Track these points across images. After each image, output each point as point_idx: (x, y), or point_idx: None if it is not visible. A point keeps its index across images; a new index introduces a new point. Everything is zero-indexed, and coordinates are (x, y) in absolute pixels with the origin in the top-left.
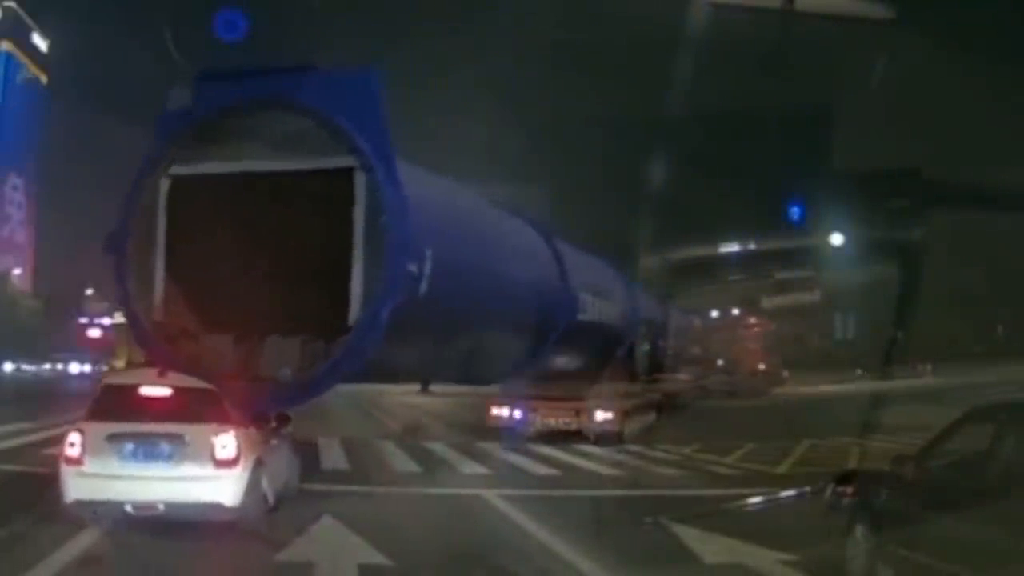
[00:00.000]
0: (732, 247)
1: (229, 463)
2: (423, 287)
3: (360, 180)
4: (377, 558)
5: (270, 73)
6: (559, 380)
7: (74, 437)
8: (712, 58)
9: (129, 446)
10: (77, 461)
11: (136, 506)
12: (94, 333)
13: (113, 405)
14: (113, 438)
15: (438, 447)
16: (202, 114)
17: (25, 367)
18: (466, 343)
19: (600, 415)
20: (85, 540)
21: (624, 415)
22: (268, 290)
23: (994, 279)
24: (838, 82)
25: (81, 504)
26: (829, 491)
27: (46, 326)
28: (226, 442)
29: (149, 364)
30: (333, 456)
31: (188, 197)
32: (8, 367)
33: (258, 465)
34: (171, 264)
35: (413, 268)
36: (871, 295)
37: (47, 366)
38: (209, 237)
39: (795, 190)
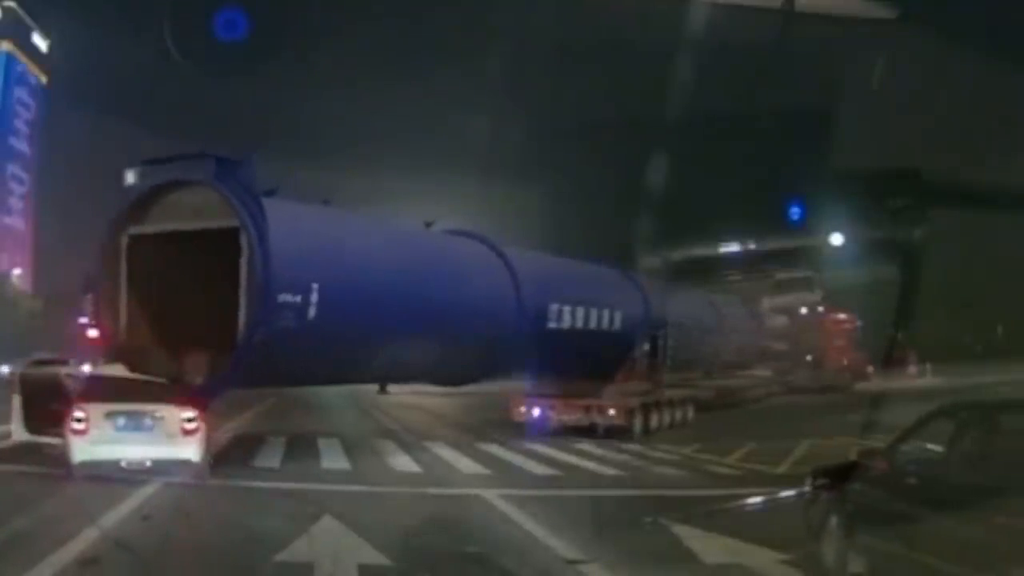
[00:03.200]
0: (732, 247)
1: (192, 432)
2: (311, 313)
3: (243, 237)
4: (377, 558)
5: (184, 159)
6: (573, 380)
7: (79, 414)
8: (712, 58)
9: (121, 420)
10: (83, 432)
11: (129, 463)
12: (94, 333)
13: (104, 391)
14: (110, 414)
15: (438, 447)
16: (144, 190)
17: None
18: (394, 351)
19: (608, 412)
20: (85, 540)
21: (631, 412)
22: (188, 317)
23: (994, 279)
24: (838, 82)
25: (86, 464)
26: (807, 486)
27: (46, 326)
28: (190, 417)
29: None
30: (333, 456)
31: (140, 250)
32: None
33: (206, 435)
34: (130, 299)
35: (295, 300)
36: (871, 295)
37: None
38: (154, 279)
39: (795, 190)
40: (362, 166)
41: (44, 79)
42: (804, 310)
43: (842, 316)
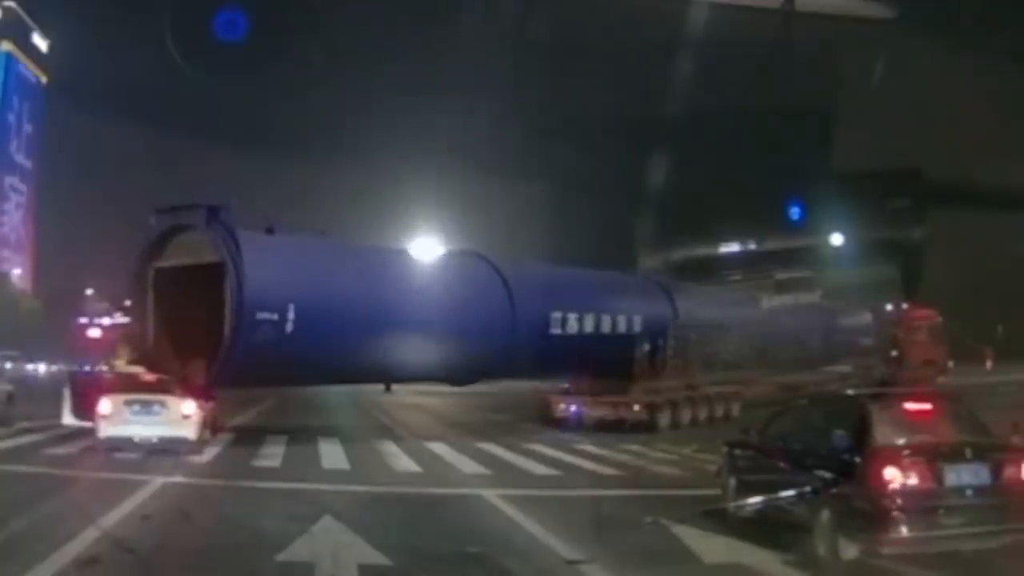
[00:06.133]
0: (732, 247)
1: (190, 417)
2: (289, 327)
3: (226, 268)
4: (377, 558)
5: (183, 208)
6: (596, 379)
7: (105, 402)
8: (712, 58)
9: (136, 407)
10: (107, 416)
11: (140, 439)
12: (94, 333)
13: (125, 385)
14: (128, 402)
15: (439, 447)
16: (160, 232)
17: None
18: (375, 357)
19: (633, 408)
20: (85, 540)
21: (654, 408)
22: (194, 331)
23: (994, 279)
24: (838, 82)
25: (109, 439)
26: (722, 453)
27: (46, 326)
28: (188, 405)
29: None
30: (333, 456)
31: (162, 280)
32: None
33: (203, 419)
34: (156, 318)
35: (273, 317)
36: (871, 295)
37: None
38: (171, 302)
39: (795, 190)
40: (361, 165)
41: (44, 79)
42: (889, 306)
43: (925, 312)
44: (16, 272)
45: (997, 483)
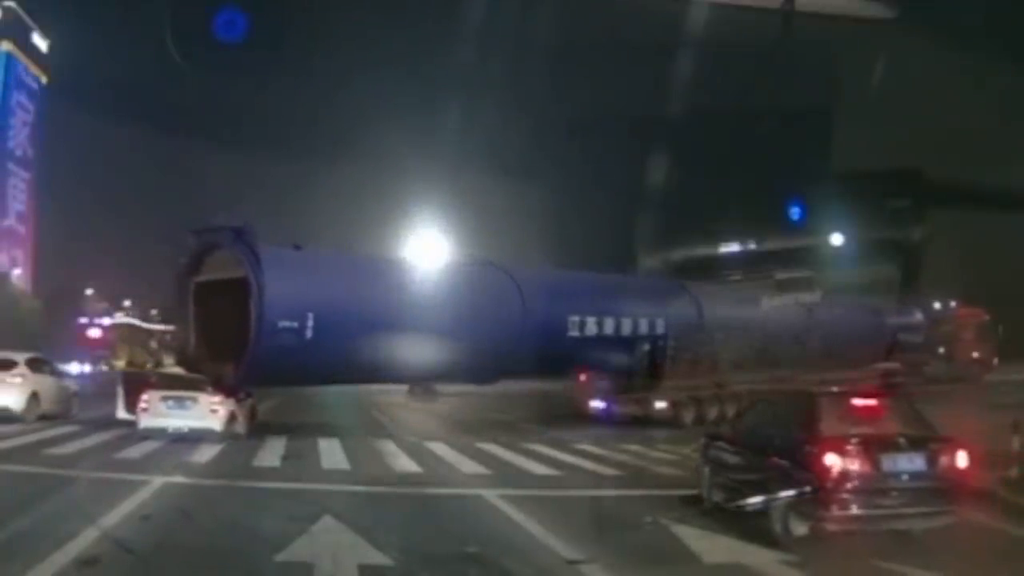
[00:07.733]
0: (732, 247)
1: (217, 411)
2: (308, 333)
3: (250, 282)
4: (377, 558)
5: (214, 229)
6: (628, 378)
7: (146, 398)
8: (712, 58)
9: (171, 402)
10: (146, 410)
11: (174, 429)
12: (94, 333)
13: (162, 383)
14: (164, 398)
15: (439, 447)
16: (197, 250)
17: None
18: (389, 359)
19: (657, 405)
20: (85, 540)
21: (678, 405)
22: (224, 336)
23: (994, 279)
24: (838, 82)
25: (147, 430)
26: (700, 445)
27: (46, 326)
28: (215, 401)
29: (180, 365)
30: (333, 456)
31: (201, 293)
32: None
33: (232, 413)
34: (196, 326)
35: (293, 324)
36: (871, 295)
37: None
38: (207, 312)
39: (795, 190)
40: (362, 164)
41: (44, 79)
42: (937, 305)
43: (973, 311)
44: (16, 272)
45: (932, 470)
